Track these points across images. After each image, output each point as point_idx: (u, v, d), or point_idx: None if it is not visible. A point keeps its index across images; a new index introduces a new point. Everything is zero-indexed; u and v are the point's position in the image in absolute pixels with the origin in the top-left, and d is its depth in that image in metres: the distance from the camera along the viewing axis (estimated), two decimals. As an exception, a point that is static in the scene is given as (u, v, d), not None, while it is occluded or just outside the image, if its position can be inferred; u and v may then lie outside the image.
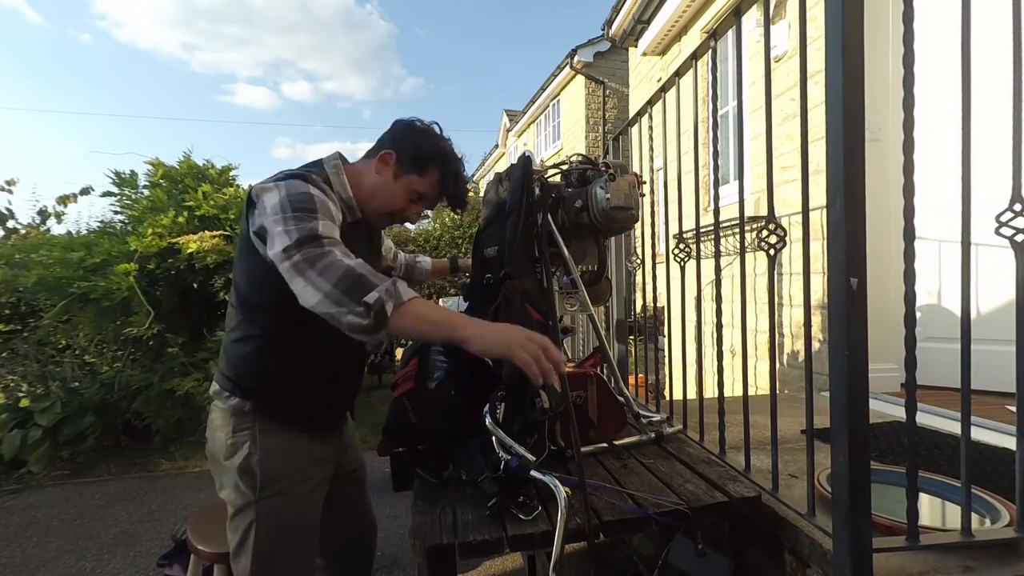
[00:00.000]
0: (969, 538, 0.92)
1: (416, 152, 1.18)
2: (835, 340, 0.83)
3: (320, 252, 0.93)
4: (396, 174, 1.18)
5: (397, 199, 1.20)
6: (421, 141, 1.19)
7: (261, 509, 1.07)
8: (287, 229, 0.96)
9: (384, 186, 1.18)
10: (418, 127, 1.21)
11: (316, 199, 1.01)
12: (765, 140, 1.16)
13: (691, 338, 1.57)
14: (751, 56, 3.08)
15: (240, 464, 1.07)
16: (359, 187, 1.18)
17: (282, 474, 1.10)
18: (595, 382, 1.42)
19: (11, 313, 4.30)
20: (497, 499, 1.03)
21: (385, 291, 0.90)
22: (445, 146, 1.22)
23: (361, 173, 1.19)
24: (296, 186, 1.02)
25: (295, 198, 1.00)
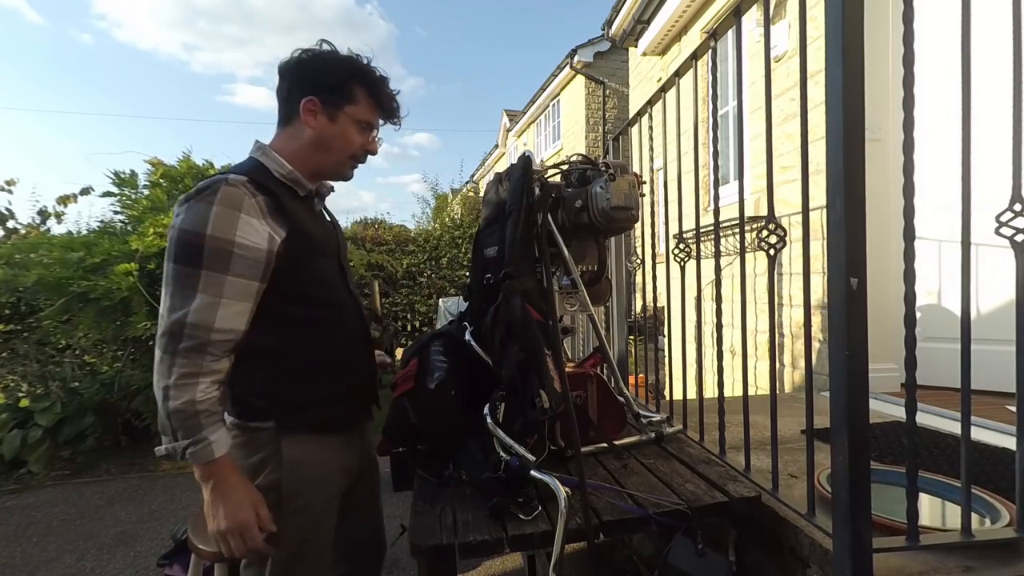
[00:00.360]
0: (969, 538, 0.92)
1: (334, 81, 1.05)
2: (835, 340, 0.83)
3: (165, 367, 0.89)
4: (331, 116, 1.05)
5: (350, 138, 1.08)
6: (330, 68, 1.05)
7: (283, 524, 1.00)
8: (165, 293, 0.92)
9: (327, 134, 1.06)
10: (313, 57, 1.06)
11: (207, 245, 0.90)
12: (765, 140, 1.16)
13: (691, 338, 1.57)
14: (751, 56, 3.08)
15: (263, 482, 1.00)
16: (299, 156, 1.06)
17: (306, 486, 1.04)
18: (595, 382, 1.42)
19: (11, 313, 4.30)
20: (497, 499, 1.03)
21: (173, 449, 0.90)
22: (353, 60, 1.07)
23: (292, 140, 1.06)
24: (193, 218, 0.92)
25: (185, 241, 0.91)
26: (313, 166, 1.08)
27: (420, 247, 7.13)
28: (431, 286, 7.03)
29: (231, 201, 0.93)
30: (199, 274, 0.90)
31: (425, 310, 7.03)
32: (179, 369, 0.89)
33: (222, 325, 0.92)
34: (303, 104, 1.04)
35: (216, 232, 0.91)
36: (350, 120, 1.07)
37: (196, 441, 0.89)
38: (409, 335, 6.76)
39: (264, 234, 0.96)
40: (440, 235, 7.33)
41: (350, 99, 1.06)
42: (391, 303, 6.87)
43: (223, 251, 0.91)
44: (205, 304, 0.90)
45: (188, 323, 0.89)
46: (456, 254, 7.13)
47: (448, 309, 4.96)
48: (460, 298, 1.51)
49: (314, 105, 1.04)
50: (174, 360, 0.89)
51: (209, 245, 0.90)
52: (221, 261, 0.91)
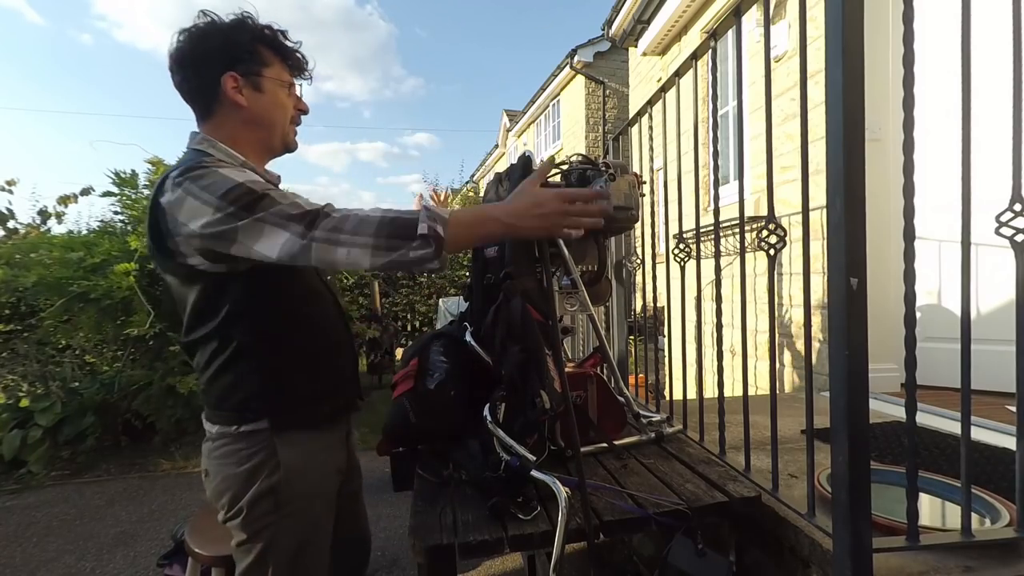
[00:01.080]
0: (969, 538, 0.92)
1: (241, 50, 0.97)
2: (835, 340, 0.83)
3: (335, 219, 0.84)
4: (255, 85, 0.99)
5: (282, 103, 1.03)
6: (231, 38, 0.98)
7: (281, 529, 0.99)
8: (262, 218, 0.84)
9: (260, 106, 1.00)
10: (207, 33, 0.97)
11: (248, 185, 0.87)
12: (765, 140, 1.16)
13: (691, 338, 1.57)
14: (751, 56, 3.08)
15: (260, 488, 0.97)
16: (240, 138, 1.00)
17: (304, 489, 1.02)
18: (595, 382, 1.42)
19: (11, 313, 4.30)
20: (497, 499, 1.03)
21: (428, 218, 0.84)
22: (242, 21, 0.99)
23: (225, 126, 1.00)
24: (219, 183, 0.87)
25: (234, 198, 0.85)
26: (258, 145, 1.03)
27: (420, 247, 7.11)
28: (431, 286, 7.02)
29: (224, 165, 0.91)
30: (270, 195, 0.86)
31: (425, 310, 7.03)
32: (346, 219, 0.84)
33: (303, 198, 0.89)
34: (224, 83, 0.96)
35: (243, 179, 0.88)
36: (274, 83, 1.01)
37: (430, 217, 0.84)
38: (409, 335, 6.76)
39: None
40: (440, 235, 7.31)
41: (264, 62, 1.00)
42: (391, 303, 6.87)
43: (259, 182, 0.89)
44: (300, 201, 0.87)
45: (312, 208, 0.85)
46: (456, 254, 7.12)
47: (448, 309, 4.96)
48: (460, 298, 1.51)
49: (235, 81, 0.97)
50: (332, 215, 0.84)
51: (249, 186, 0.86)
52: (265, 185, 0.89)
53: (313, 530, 1.05)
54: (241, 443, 0.98)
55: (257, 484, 0.98)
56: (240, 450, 0.98)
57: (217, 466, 1.00)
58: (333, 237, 0.83)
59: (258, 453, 0.98)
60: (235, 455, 0.98)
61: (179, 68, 0.98)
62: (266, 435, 0.99)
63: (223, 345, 0.97)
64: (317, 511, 1.06)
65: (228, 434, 0.99)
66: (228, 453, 0.99)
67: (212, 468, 1.01)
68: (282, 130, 1.06)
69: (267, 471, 0.98)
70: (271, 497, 0.99)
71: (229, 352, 0.97)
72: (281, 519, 0.99)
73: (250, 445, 0.98)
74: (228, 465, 0.98)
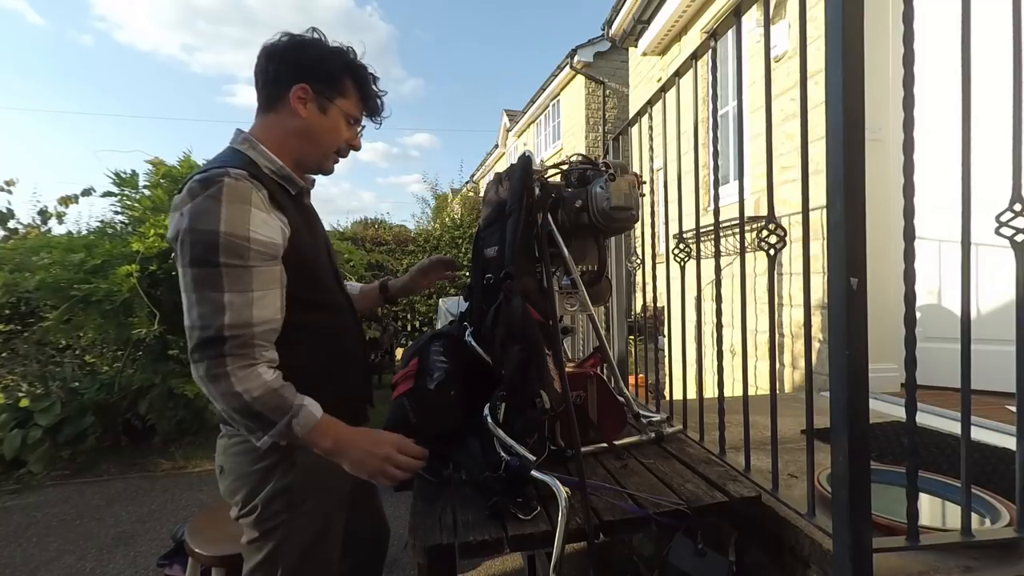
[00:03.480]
0: (969, 538, 0.92)
1: (328, 71, 1.01)
2: (835, 340, 0.83)
3: (218, 372, 0.87)
4: (321, 106, 1.02)
5: (339, 131, 1.06)
6: (325, 58, 1.02)
7: (293, 527, 1.00)
8: (189, 302, 0.89)
9: (318, 125, 1.03)
10: (308, 44, 1.01)
11: (222, 241, 0.86)
12: (765, 140, 1.16)
13: (691, 338, 1.57)
14: (751, 56, 3.08)
15: (275, 487, 0.99)
16: (285, 146, 1.02)
17: (317, 488, 1.03)
18: (595, 382, 1.42)
19: (11, 313, 4.30)
20: (497, 498, 1.03)
21: (278, 432, 0.90)
22: (344, 53, 1.04)
23: (275, 127, 1.02)
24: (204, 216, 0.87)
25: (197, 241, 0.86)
26: (296, 156, 1.04)
27: (420, 247, 7.14)
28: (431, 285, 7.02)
29: (239, 195, 0.89)
30: (219, 271, 0.86)
31: (425, 310, 7.03)
32: (237, 367, 0.87)
33: (260, 316, 0.90)
34: (294, 91, 0.99)
35: (230, 228, 0.87)
36: (340, 113, 1.05)
37: (294, 412, 0.90)
38: (409, 335, 6.77)
39: (276, 227, 0.94)
40: (440, 235, 7.34)
41: (342, 92, 1.04)
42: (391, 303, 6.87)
43: (240, 247, 0.88)
44: (238, 303, 0.88)
45: (226, 324, 0.86)
46: (456, 254, 7.13)
47: (448, 309, 4.96)
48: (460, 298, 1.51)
49: (305, 93, 1.00)
50: (226, 361, 0.87)
51: (224, 242, 0.86)
52: (240, 256, 0.88)
53: (324, 528, 1.06)
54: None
55: (272, 483, 0.99)
56: (256, 448, 0.97)
57: (233, 463, 1.01)
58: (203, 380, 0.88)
59: (273, 452, 0.98)
60: (251, 453, 0.98)
61: (267, 59, 1.01)
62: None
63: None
64: (329, 510, 1.07)
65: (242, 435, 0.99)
66: (244, 451, 0.99)
67: (227, 465, 1.02)
68: (323, 153, 1.08)
69: (281, 470, 0.99)
70: (285, 496, 0.99)
71: None
72: (293, 518, 1.00)
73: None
74: (244, 463, 0.99)
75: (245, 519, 1.01)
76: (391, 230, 8.14)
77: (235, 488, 1.01)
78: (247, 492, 1.00)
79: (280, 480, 0.99)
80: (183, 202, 0.89)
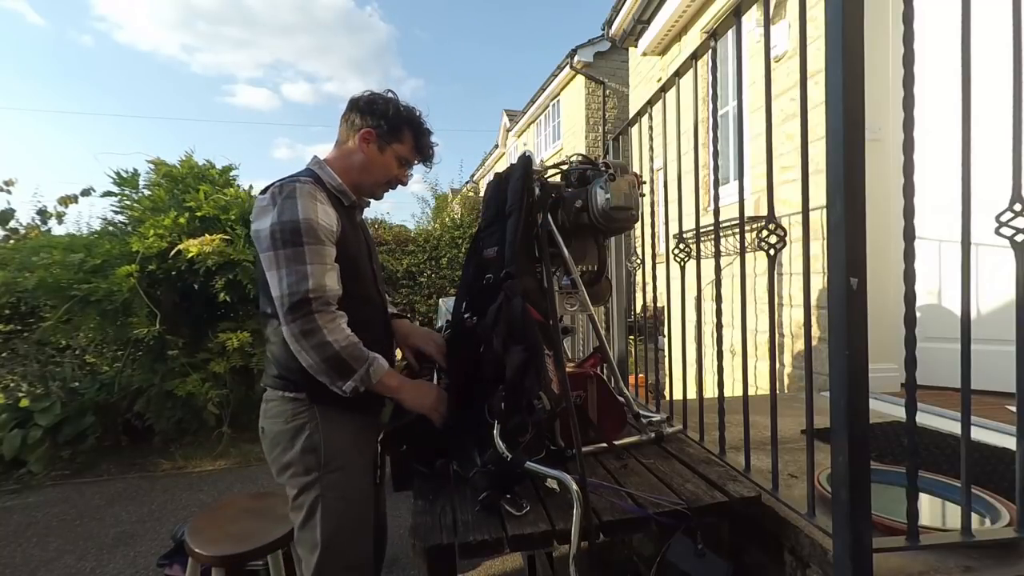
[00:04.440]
0: (969, 538, 0.92)
1: (390, 123, 1.29)
2: (835, 340, 0.83)
3: (312, 327, 1.09)
4: (380, 147, 1.29)
5: (390, 168, 1.33)
6: (391, 113, 1.29)
7: (326, 483, 1.18)
8: (280, 276, 1.11)
9: (375, 160, 1.30)
10: (379, 101, 1.30)
11: (303, 225, 1.11)
12: (765, 140, 1.16)
13: (691, 338, 1.57)
14: (751, 56, 3.08)
15: (303, 445, 1.18)
16: (348, 171, 1.29)
17: (343, 449, 1.21)
18: (595, 382, 1.42)
19: (11, 313, 4.29)
20: (487, 493, 1.03)
21: (359, 378, 1.13)
22: (409, 110, 1.33)
23: (344, 158, 1.30)
24: (287, 211, 1.12)
25: (285, 228, 1.11)
26: (355, 182, 1.30)
27: (420, 247, 7.13)
28: (431, 286, 7.03)
29: (309, 194, 1.15)
30: (303, 248, 1.11)
31: (425, 310, 7.03)
32: (326, 321, 1.10)
33: (333, 285, 1.14)
34: (361, 132, 1.27)
35: (306, 215, 1.12)
36: (394, 155, 1.31)
37: (371, 361, 1.15)
38: (409, 335, 6.75)
39: (334, 217, 1.19)
40: (440, 235, 7.33)
41: (399, 139, 1.31)
42: (391, 303, 6.87)
43: (315, 228, 1.13)
44: (318, 271, 1.11)
45: (311, 288, 1.09)
46: (456, 254, 7.12)
47: (448, 308, 4.96)
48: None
49: (369, 135, 1.28)
50: (315, 318, 1.09)
51: (305, 225, 1.12)
52: (316, 236, 1.13)
53: (355, 488, 1.23)
54: (288, 405, 1.20)
55: (302, 441, 1.18)
56: (287, 411, 1.20)
57: (270, 424, 1.23)
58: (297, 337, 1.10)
59: (302, 414, 1.19)
60: (283, 414, 1.20)
61: (350, 107, 1.31)
62: (307, 403, 1.19)
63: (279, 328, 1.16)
64: (357, 470, 1.24)
65: (278, 397, 1.22)
66: (279, 412, 1.21)
67: (267, 425, 1.24)
68: (375, 182, 1.34)
69: (309, 430, 1.18)
70: (313, 454, 1.18)
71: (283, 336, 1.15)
72: (325, 475, 1.18)
73: (296, 407, 1.20)
74: (278, 423, 1.21)
75: (283, 476, 1.21)
76: (391, 230, 8.12)
77: (272, 446, 1.22)
78: (280, 450, 1.20)
79: (308, 439, 1.18)
80: (269, 204, 1.14)
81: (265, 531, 1.50)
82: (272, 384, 1.23)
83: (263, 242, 1.13)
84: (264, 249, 1.14)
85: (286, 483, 1.21)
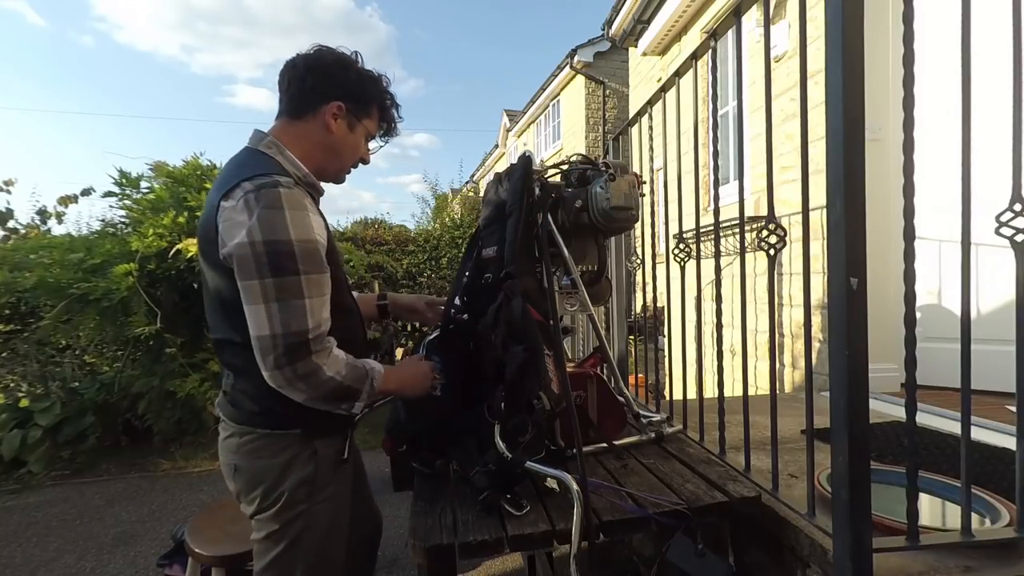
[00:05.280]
0: (969, 538, 0.92)
1: (363, 95, 1.08)
2: (835, 340, 0.83)
3: (309, 370, 0.93)
4: (351, 124, 1.08)
5: (359, 147, 1.13)
6: (363, 83, 1.08)
7: (314, 513, 1.03)
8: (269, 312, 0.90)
9: (345, 140, 1.08)
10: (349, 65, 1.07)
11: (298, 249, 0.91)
12: (765, 140, 1.16)
13: (691, 338, 1.57)
14: (751, 56, 3.08)
15: (298, 477, 1.01)
16: (309, 155, 1.05)
17: (333, 477, 1.07)
18: (595, 382, 1.42)
19: (11, 313, 4.29)
20: (488, 492, 1.03)
21: (366, 395, 1.01)
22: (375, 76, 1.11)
23: (303, 138, 1.05)
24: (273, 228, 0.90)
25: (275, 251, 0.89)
26: (319, 165, 1.08)
27: (420, 247, 7.13)
28: (431, 286, 7.02)
29: (296, 202, 0.93)
30: (299, 278, 0.91)
31: (425, 310, 7.02)
32: (320, 357, 0.94)
33: (328, 316, 0.97)
34: (329, 106, 1.04)
35: (299, 234, 0.92)
36: (364, 131, 1.11)
37: (371, 375, 1.02)
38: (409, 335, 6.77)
39: (323, 227, 1.00)
40: (440, 235, 7.32)
41: (368, 113, 1.11)
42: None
43: (310, 251, 0.94)
44: (317, 306, 0.94)
45: (311, 328, 0.92)
46: (456, 254, 7.12)
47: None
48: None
49: (339, 110, 1.05)
50: (313, 359, 0.93)
51: (299, 249, 0.91)
52: (312, 261, 0.94)
53: (341, 513, 1.10)
54: (275, 440, 1.02)
55: (294, 474, 1.01)
56: (273, 444, 1.01)
57: (249, 461, 1.02)
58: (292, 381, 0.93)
59: (292, 447, 1.02)
60: (268, 448, 1.01)
61: (306, 69, 1.04)
62: (299, 436, 1.03)
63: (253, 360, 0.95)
64: (344, 497, 1.11)
65: (265, 435, 1.02)
66: (262, 447, 1.02)
67: (242, 463, 1.03)
68: (341, 166, 1.14)
69: (302, 462, 1.02)
70: (307, 486, 1.02)
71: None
72: (313, 505, 1.03)
73: (284, 442, 1.02)
74: (262, 458, 1.01)
75: (263, 514, 1.02)
76: (391, 230, 8.12)
77: (253, 484, 1.02)
78: (267, 486, 1.01)
79: (302, 470, 1.02)
80: (243, 214, 0.90)
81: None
82: (251, 422, 1.02)
83: (242, 265, 0.90)
84: (244, 275, 0.90)
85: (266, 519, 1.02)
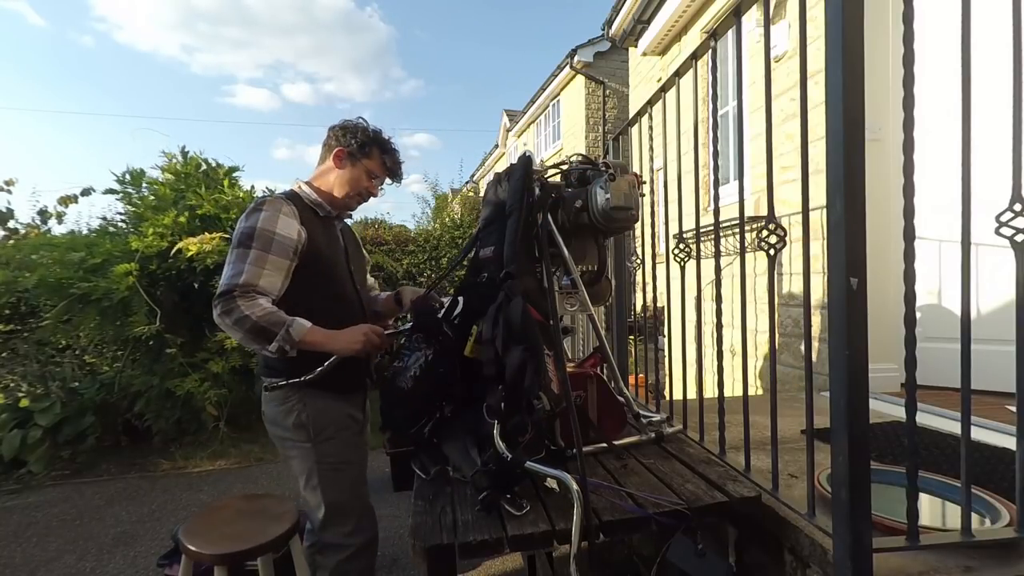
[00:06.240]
0: (969, 538, 0.92)
1: (360, 142, 1.51)
2: (835, 340, 0.83)
3: (230, 307, 1.26)
4: (352, 163, 1.51)
5: (361, 181, 1.53)
6: (359, 134, 1.51)
7: (318, 451, 1.42)
8: (224, 273, 1.31)
9: (346, 175, 1.52)
10: (350, 125, 1.53)
11: (256, 231, 1.32)
12: (765, 140, 1.16)
13: (691, 338, 1.57)
14: (751, 56, 3.08)
15: (294, 422, 1.41)
16: (324, 187, 1.52)
17: (328, 423, 1.44)
18: (595, 382, 1.42)
19: (11, 313, 4.29)
20: (487, 492, 1.03)
21: (282, 338, 1.28)
22: (376, 131, 1.55)
23: (321, 176, 1.53)
24: (251, 219, 1.34)
25: (243, 232, 1.33)
26: (331, 196, 1.52)
27: (420, 247, 7.12)
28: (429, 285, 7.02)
29: (274, 207, 1.37)
30: (249, 251, 1.31)
31: (425, 310, 7.02)
32: (242, 301, 1.26)
33: (264, 284, 1.31)
34: (335, 151, 1.50)
35: (263, 225, 1.33)
36: (363, 169, 1.53)
37: (289, 323, 1.28)
38: (409, 335, 6.75)
39: (295, 228, 1.38)
40: (440, 235, 7.32)
41: (368, 156, 1.52)
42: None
43: (267, 237, 1.33)
44: (252, 271, 1.30)
45: (240, 282, 1.28)
46: (456, 254, 7.12)
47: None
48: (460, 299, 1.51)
49: (342, 152, 1.50)
50: (235, 301, 1.26)
51: (258, 233, 1.32)
52: (265, 243, 1.32)
53: (345, 453, 1.47)
54: (278, 390, 1.42)
55: (292, 418, 1.41)
56: (278, 395, 1.43)
57: (267, 407, 1.47)
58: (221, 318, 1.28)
59: (291, 398, 1.42)
60: (276, 398, 1.44)
61: (328, 132, 1.54)
62: (296, 387, 1.40)
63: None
64: (345, 440, 1.48)
65: (269, 384, 1.43)
66: (272, 397, 1.44)
67: (265, 409, 1.48)
68: (347, 195, 1.53)
69: (297, 410, 1.41)
70: (303, 430, 1.42)
71: None
72: (316, 444, 1.42)
73: (286, 392, 1.42)
74: (273, 406, 1.44)
75: (283, 449, 1.47)
76: (391, 230, 8.12)
77: (271, 426, 1.47)
78: (277, 428, 1.44)
79: (297, 417, 1.41)
80: (246, 213, 1.37)
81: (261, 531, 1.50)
82: (263, 373, 1.46)
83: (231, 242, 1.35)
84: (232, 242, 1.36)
85: (287, 454, 1.46)
